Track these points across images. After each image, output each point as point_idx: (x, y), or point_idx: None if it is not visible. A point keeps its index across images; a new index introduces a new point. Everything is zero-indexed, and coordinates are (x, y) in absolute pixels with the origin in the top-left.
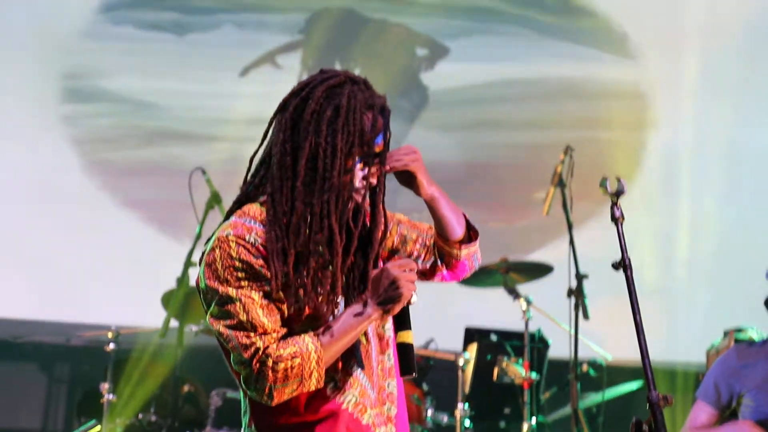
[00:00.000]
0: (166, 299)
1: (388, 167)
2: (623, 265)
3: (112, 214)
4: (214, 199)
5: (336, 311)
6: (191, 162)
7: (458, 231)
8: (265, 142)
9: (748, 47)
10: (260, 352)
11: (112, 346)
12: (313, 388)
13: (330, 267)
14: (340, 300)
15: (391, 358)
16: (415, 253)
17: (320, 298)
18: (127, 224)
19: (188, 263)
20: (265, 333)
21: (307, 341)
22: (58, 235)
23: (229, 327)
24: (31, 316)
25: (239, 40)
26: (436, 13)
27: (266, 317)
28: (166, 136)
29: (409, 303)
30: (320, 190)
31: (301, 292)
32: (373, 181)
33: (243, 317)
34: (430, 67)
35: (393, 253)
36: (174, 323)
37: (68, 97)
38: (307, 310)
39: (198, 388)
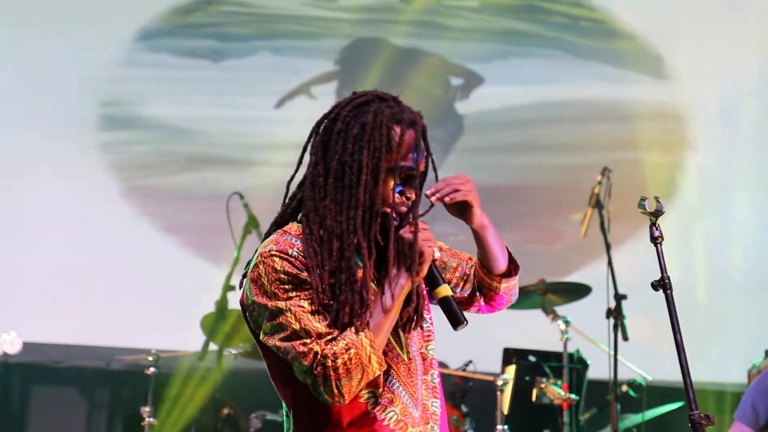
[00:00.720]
0: (206, 323)
1: (447, 199)
2: (663, 284)
3: (151, 239)
4: (252, 224)
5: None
6: (229, 187)
7: (502, 264)
8: (302, 166)
9: None
10: (318, 356)
11: (152, 369)
12: (378, 372)
13: (359, 281)
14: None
15: (435, 378)
16: (454, 281)
17: (352, 311)
18: (166, 249)
19: (227, 287)
20: (319, 337)
21: (354, 332)
22: (97, 261)
23: (284, 339)
24: (71, 340)
25: (275, 66)
26: (471, 37)
27: (318, 322)
28: (203, 161)
29: (434, 261)
30: (347, 207)
31: (335, 305)
32: (411, 195)
33: (296, 326)
34: (465, 96)
35: None
36: (213, 346)
37: (106, 125)
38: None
39: (237, 411)
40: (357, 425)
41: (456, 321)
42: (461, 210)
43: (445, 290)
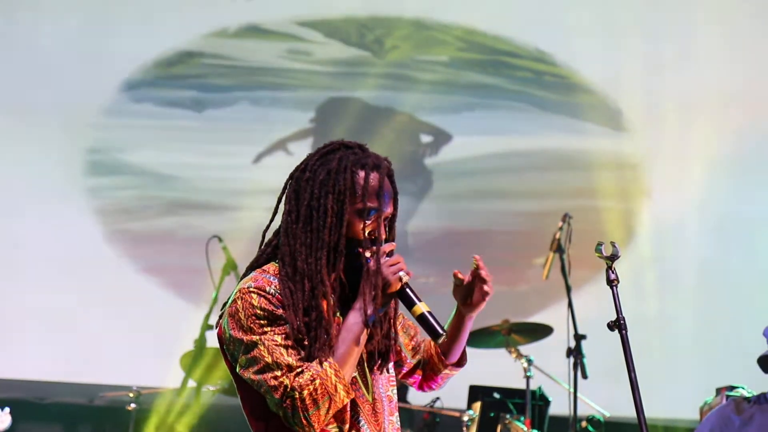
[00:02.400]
0: (185, 360)
1: (486, 288)
2: (618, 324)
3: (133, 280)
4: (230, 266)
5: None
6: (208, 231)
7: (458, 354)
8: (277, 214)
9: (735, 123)
10: (288, 389)
11: (133, 405)
12: (346, 400)
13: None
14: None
15: (398, 420)
16: (409, 347)
17: (323, 346)
18: (147, 290)
19: (205, 326)
20: (290, 370)
21: (319, 362)
22: (81, 301)
23: (257, 372)
24: (55, 377)
25: (254, 116)
26: (440, 90)
27: (290, 356)
28: (184, 206)
29: (403, 285)
30: (315, 249)
31: (308, 341)
32: (375, 233)
33: (269, 359)
34: (434, 152)
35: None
36: (192, 383)
37: (92, 171)
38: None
39: None
40: None
41: (435, 334)
42: (471, 298)
43: (421, 308)
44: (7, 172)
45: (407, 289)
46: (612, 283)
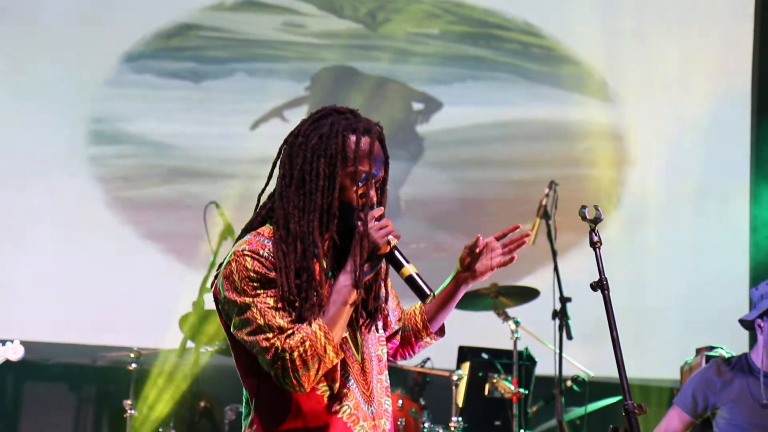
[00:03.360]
0: (183, 322)
1: (515, 255)
2: (601, 285)
3: (134, 245)
4: (227, 231)
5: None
6: (206, 197)
7: (440, 323)
8: (272, 179)
9: (712, 93)
10: (279, 350)
11: (134, 365)
12: (335, 361)
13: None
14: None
15: (387, 379)
16: (390, 317)
17: (313, 307)
18: (148, 255)
19: (203, 289)
20: (281, 332)
21: (310, 325)
22: (85, 266)
23: (249, 333)
24: (60, 339)
25: (249, 87)
26: (432, 62)
27: (281, 318)
28: (183, 174)
29: (392, 248)
30: (307, 211)
31: (299, 302)
32: (371, 195)
33: (261, 321)
34: (425, 120)
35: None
36: (190, 344)
37: (94, 140)
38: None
39: (213, 404)
40: (314, 416)
41: (423, 295)
42: (475, 268)
43: (409, 269)
44: (13, 142)
45: (396, 252)
46: (595, 245)
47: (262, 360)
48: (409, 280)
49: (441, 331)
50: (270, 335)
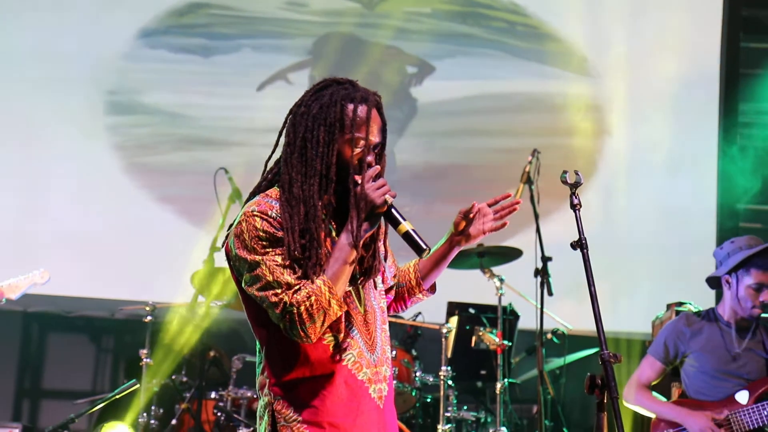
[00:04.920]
0: (195, 278)
1: (502, 224)
2: (580, 244)
3: (149, 208)
4: (236, 195)
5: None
6: (216, 164)
7: (433, 280)
8: (278, 147)
9: (683, 69)
10: (287, 305)
11: (149, 318)
12: (339, 312)
13: (318, 238)
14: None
15: (387, 330)
16: (387, 273)
17: (315, 265)
18: (162, 216)
19: (213, 248)
20: (288, 288)
21: (314, 281)
22: (103, 225)
23: (259, 289)
24: (81, 293)
25: (255, 61)
26: (424, 38)
27: (289, 275)
28: (194, 142)
29: (389, 206)
30: (309, 176)
31: (304, 260)
32: (369, 160)
33: (270, 278)
34: (419, 83)
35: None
36: (201, 299)
37: (111, 110)
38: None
39: (222, 354)
40: (320, 364)
41: (419, 249)
42: (468, 231)
43: (406, 226)
44: (38, 112)
45: (392, 210)
46: (575, 207)
47: (272, 314)
48: (406, 236)
49: (432, 289)
50: (278, 291)
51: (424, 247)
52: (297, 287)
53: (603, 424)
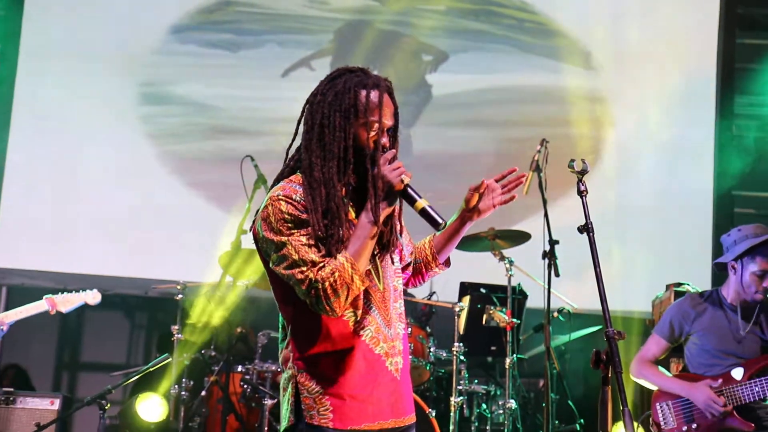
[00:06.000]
0: (223, 259)
1: (509, 197)
2: (586, 228)
3: (180, 193)
4: (261, 181)
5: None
6: (242, 152)
7: (447, 255)
8: (298, 135)
9: (683, 63)
10: (312, 281)
11: (180, 296)
12: (362, 287)
13: (340, 218)
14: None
15: (402, 306)
16: (404, 251)
17: (337, 242)
18: (192, 201)
19: (240, 231)
20: (313, 265)
21: (337, 258)
22: (138, 210)
23: (286, 268)
24: (116, 273)
25: (280, 56)
26: (438, 34)
27: (313, 254)
28: (222, 131)
29: (406, 186)
30: (327, 160)
31: (327, 239)
32: (384, 142)
33: (295, 257)
34: (434, 69)
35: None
36: (228, 278)
37: (144, 101)
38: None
39: (248, 330)
40: (341, 339)
41: (436, 224)
42: (479, 207)
43: (422, 203)
44: (77, 103)
45: (409, 189)
46: (582, 193)
47: (298, 290)
48: (423, 213)
49: (447, 262)
50: (304, 268)
51: (440, 221)
52: (321, 264)
53: (608, 397)
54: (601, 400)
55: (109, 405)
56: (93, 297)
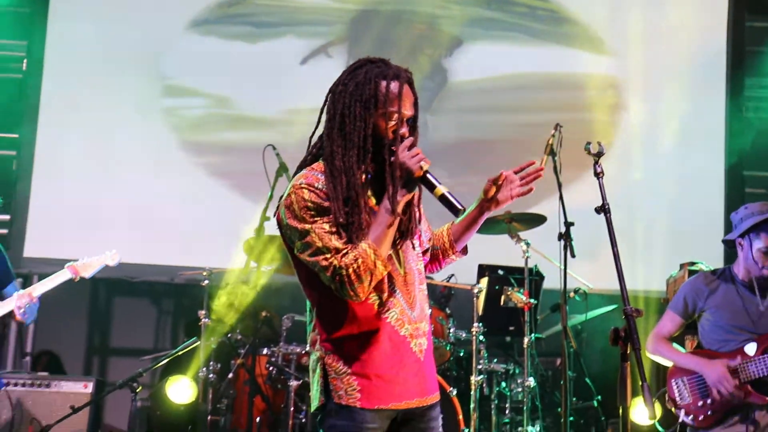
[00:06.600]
0: (247, 246)
1: (528, 188)
2: (604, 209)
3: (205, 182)
4: (283, 169)
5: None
6: (264, 141)
7: (464, 243)
8: (320, 125)
9: (692, 48)
10: (336, 268)
11: (206, 282)
12: (384, 272)
13: (363, 205)
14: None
15: (425, 290)
16: (423, 237)
17: (359, 229)
18: (216, 190)
19: (263, 218)
20: (336, 252)
21: (360, 245)
22: (164, 198)
23: (310, 255)
24: (144, 260)
25: (298, 47)
26: (451, 23)
27: (336, 241)
28: (244, 121)
29: (425, 172)
30: (348, 149)
31: (349, 226)
32: (403, 132)
33: (319, 244)
34: (449, 54)
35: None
36: (253, 264)
37: (168, 93)
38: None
39: (273, 314)
40: (367, 321)
41: (455, 210)
42: (497, 197)
43: (442, 189)
44: (104, 96)
45: (428, 175)
46: (598, 175)
47: (323, 277)
48: (442, 199)
49: (464, 250)
50: (328, 255)
51: (460, 207)
52: (345, 251)
53: (627, 373)
54: (620, 376)
55: (140, 388)
56: (112, 258)
